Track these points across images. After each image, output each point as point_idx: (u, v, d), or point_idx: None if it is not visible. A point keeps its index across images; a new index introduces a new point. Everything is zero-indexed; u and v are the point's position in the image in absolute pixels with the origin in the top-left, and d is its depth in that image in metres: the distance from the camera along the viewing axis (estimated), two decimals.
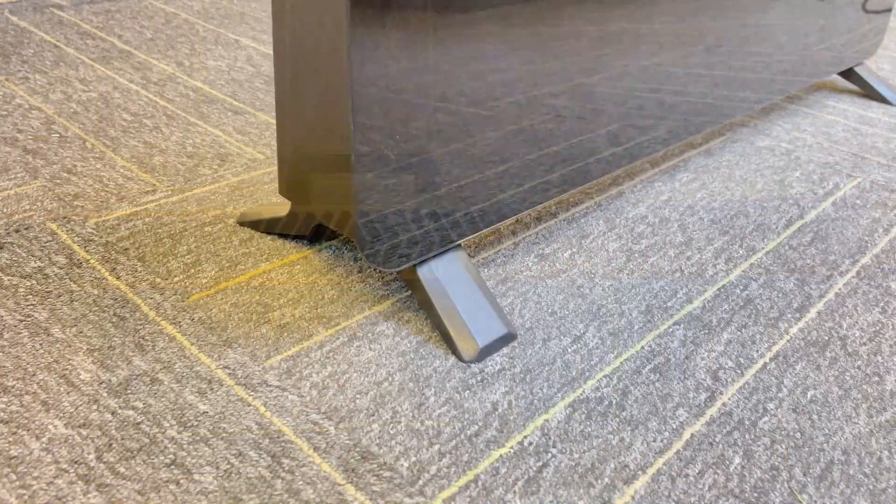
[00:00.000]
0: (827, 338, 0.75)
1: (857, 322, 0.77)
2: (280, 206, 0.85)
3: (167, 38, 1.46)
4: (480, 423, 0.61)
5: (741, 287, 0.82)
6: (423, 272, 0.71)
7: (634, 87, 0.91)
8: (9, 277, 0.74)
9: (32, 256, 0.77)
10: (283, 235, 0.85)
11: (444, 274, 0.72)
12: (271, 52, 1.43)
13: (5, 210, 0.85)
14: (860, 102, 1.43)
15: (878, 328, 0.77)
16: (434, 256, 0.72)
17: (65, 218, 0.84)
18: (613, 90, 0.88)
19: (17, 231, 0.81)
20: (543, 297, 0.77)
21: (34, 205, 0.87)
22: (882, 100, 1.45)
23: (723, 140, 1.21)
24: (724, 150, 1.18)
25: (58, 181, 0.92)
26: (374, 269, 0.80)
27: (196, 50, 1.41)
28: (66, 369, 0.63)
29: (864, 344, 0.74)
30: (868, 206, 1.02)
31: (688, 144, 1.18)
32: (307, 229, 0.82)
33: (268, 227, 0.85)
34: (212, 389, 0.62)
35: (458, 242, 0.74)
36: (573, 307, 0.76)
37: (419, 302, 0.72)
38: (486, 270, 0.81)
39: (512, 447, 0.59)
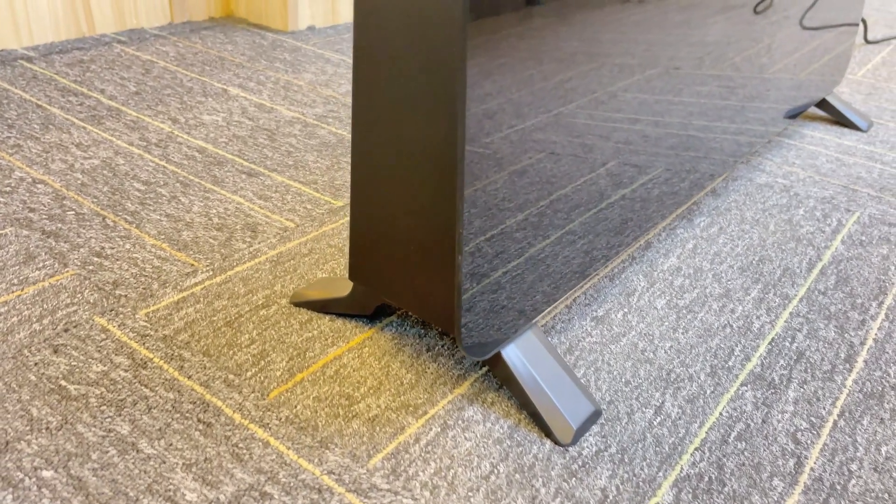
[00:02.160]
0: (881, 388, 0.79)
1: None
2: (336, 285, 0.84)
3: (153, 90, 1.41)
4: None
5: (789, 339, 0.86)
6: (508, 354, 0.71)
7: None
8: (75, 386, 0.70)
9: (92, 359, 0.74)
10: (340, 314, 0.84)
11: (527, 354, 0.73)
12: (264, 102, 1.40)
13: (46, 306, 0.81)
14: (834, 130, 1.51)
15: None
16: (515, 337, 0.73)
17: (112, 311, 0.81)
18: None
19: (66, 330, 0.78)
20: (613, 366, 0.79)
21: (74, 297, 0.83)
22: (854, 126, 1.53)
23: (724, 178, 1.25)
24: (727, 189, 1.22)
25: (90, 267, 0.88)
26: (444, 347, 0.80)
27: (186, 104, 1.37)
28: (170, 490, 0.61)
29: None
30: (874, 243, 1.08)
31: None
32: (369, 309, 0.81)
33: (325, 306, 0.83)
34: (324, 500, 0.61)
35: (535, 320, 0.75)
36: (644, 374, 0.78)
37: (503, 381, 0.73)
38: (550, 339, 0.82)
39: None
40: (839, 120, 1.55)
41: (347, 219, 1.03)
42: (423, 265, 0.67)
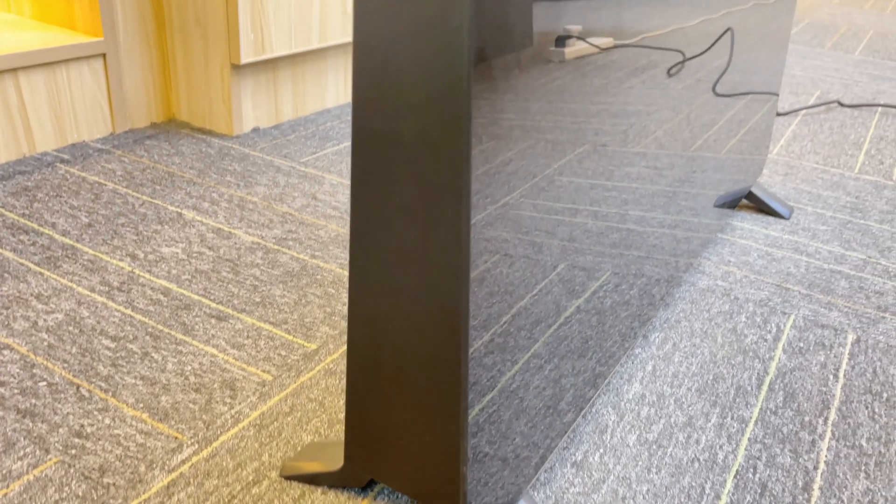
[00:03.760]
0: None
1: (853, 494, 0.90)
2: (325, 455, 0.86)
3: (105, 220, 1.41)
4: None
5: (751, 470, 0.92)
6: None
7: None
8: None
9: None
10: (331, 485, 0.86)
11: None
12: (221, 226, 1.41)
13: None
14: (759, 219, 1.62)
15: (871, 497, 0.90)
16: None
17: None
18: None
19: None
20: None
21: (62, 492, 0.82)
22: (776, 215, 1.65)
23: (669, 285, 1.34)
24: (674, 296, 1.30)
25: (73, 451, 0.88)
26: None
27: (143, 234, 1.37)
28: None
29: None
30: (811, 350, 1.18)
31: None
32: (362, 482, 0.83)
33: (316, 479, 0.85)
34: None
35: (527, 485, 0.79)
36: None
37: None
38: (537, 495, 0.87)
39: None
40: (762, 208, 1.67)
41: (323, 365, 1.06)
42: (426, 461, 0.71)
